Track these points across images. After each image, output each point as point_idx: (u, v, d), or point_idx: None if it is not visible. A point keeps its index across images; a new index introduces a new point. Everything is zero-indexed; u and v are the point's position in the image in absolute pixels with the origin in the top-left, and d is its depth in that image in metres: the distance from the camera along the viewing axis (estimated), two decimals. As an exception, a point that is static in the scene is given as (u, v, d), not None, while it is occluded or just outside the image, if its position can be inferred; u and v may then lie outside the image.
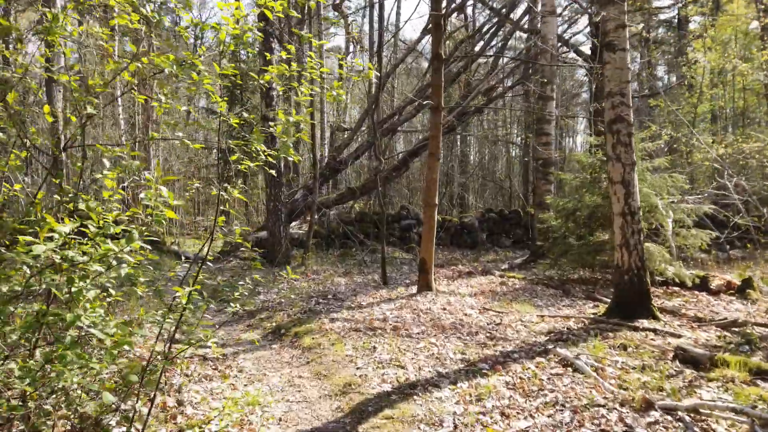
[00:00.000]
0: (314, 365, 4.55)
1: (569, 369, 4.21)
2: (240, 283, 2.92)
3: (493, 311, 6.36)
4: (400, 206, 15.17)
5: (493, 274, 9.49)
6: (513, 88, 14.44)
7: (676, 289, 7.70)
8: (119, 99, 18.05)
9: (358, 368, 4.33)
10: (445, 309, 6.33)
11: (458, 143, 23.21)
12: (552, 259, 9.02)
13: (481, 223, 14.44)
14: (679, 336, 5.11)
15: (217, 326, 5.71)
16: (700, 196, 10.05)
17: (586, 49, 15.21)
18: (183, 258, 13.33)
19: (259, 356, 4.96)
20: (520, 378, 4.02)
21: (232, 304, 2.85)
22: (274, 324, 5.96)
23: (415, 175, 23.18)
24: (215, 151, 21.35)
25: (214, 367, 4.46)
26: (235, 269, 10.82)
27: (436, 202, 7.35)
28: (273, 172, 3.55)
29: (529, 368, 4.24)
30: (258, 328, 6.00)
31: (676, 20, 19.80)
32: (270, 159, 2.74)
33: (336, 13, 28.40)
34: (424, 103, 6.99)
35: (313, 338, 5.20)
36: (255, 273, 4.21)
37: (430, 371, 4.22)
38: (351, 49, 28.54)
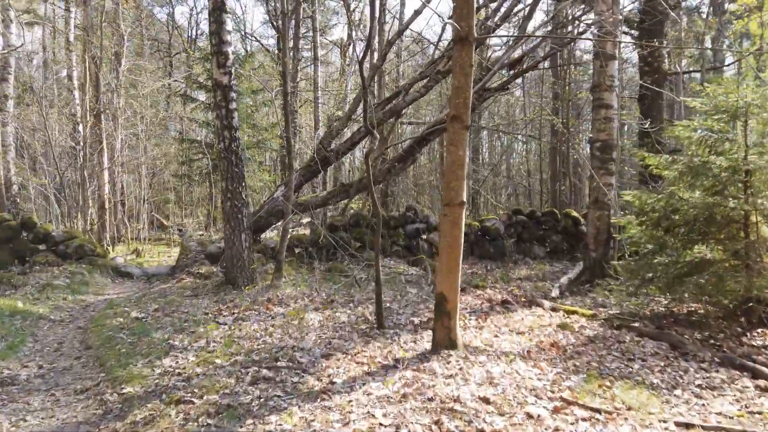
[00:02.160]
0: None
1: None
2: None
3: (579, 407, 3.34)
4: (406, 206, 12.14)
5: (540, 305, 6.45)
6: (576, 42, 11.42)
7: None
8: (74, 74, 15.28)
9: None
10: (487, 400, 3.33)
11: (470, 134, 20.17)
12: (634, 285, 5.99)
13: (507, 227, 11.39)
14: None
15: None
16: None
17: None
18: (125, 275, 10.46)
19: None
20: None
21: None
22: (146, 446, 2.97)
23: (422, 170, 20.14)
24: (189, 142, 18.44)
25: None
26: (182, 293, 7.86)
27: (464, 199, 4.34)
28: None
29: None
30: (115, 452, 3.01)
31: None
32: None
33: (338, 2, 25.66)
34: (447, 21, 4.04)
35: None
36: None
37: None
38: (353, 37, 25.79)
